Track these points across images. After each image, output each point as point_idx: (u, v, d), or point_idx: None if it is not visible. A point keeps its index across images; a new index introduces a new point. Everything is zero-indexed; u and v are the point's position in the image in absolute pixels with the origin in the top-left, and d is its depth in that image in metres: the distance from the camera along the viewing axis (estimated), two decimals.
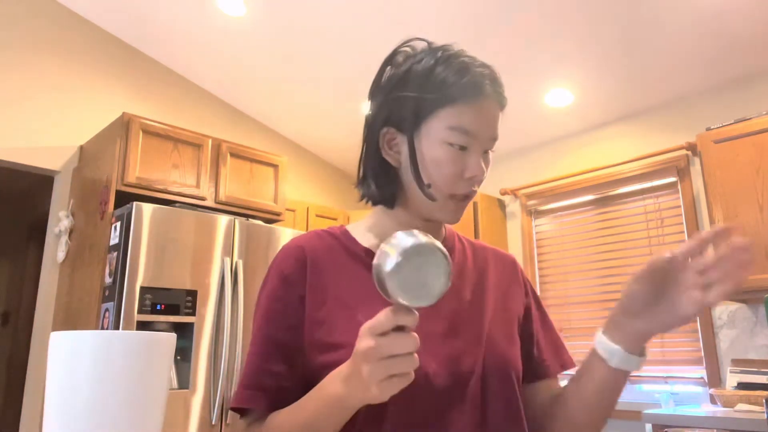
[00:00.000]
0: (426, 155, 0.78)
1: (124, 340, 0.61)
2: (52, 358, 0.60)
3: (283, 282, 0.81)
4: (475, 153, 0.78)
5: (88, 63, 3.40)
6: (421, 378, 0.73)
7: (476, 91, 0.77)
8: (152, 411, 0.62)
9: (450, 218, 0.81)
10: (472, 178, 0.78)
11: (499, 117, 0.81)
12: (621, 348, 0.71)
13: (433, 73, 0.78)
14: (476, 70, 0.79)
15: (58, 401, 0.59)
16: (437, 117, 0.77)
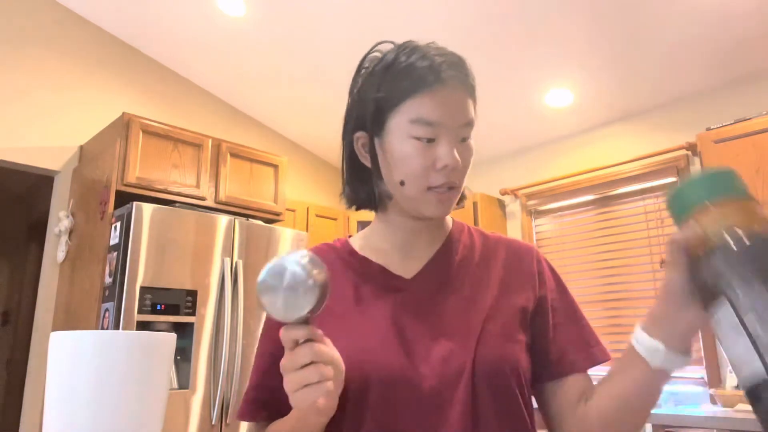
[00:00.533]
0: (395, 152, 0.78)
1: (124, 340, 0.61)
2: (52, 358, 0.60)
3: None
4: (444, 143, 0.76)
5: (88, 63, 3.40)
6: (404, 381, 0.73)
7: (433, 80, 0.76)
8: (152, 411, 0.62)
9: (434, 212, 0.78)
10: (444, 168, 0.75)
11: (468, 102, 0.78)
12: (663, 345, 0.66)
13: (392, 69, 0.78)
14: (434, 58, 0.77)
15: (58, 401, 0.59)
16: (399, 112, 0.77)
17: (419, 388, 0.73)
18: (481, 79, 0.85)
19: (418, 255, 0.84)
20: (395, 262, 0.84)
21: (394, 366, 0.74)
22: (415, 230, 0.85)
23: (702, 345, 3.01)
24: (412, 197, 0.78)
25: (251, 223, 2.98)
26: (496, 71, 3.25)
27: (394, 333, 0.76)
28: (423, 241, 0.85)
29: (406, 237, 0.85)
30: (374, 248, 0.86)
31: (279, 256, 0.60)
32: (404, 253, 0.84)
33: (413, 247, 0.85)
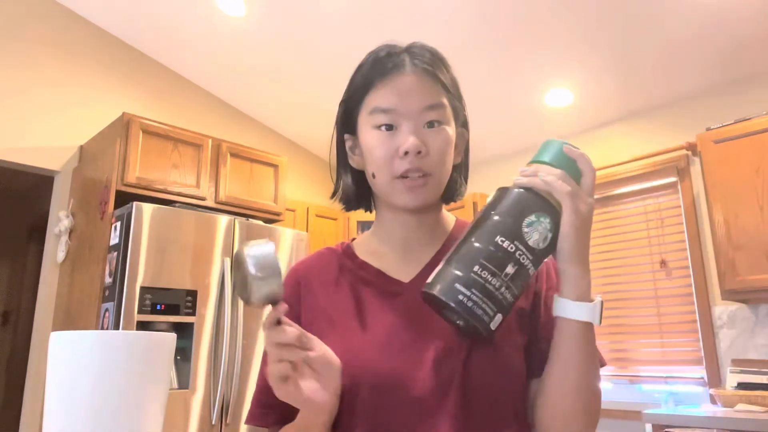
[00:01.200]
0: (364, 147, 0.80)
1: (124, 340, 0.61)
2: (52, 358, 0.60)
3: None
4: (404, 129, 0.76)
5: (88, 63, 3.40)
6: (397, 385, 0.72)
7: (387, 70, 0.78)
8: (152, 411, 0.62)
9: (406, 200, 0.78)
10: (407, 153, 0.75)
11: (430, 85, 0.78)
12: (564, 298, 0.69)
13: (357, 71, 0.82)
14: (392, 50, 0.80)
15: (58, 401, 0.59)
16: (363, 108, 0.80)
17: (411, 393, 0.72)
18: (481, 79, 0.86)
19: (417, 256, 0.83)
20: (394, 265, 0.83)
21: (386, 371, 0.73)
22: (409, 226, 0.83)
23: (702, 345, 3.01)
24: (383, 188, 0.79)
25: (251, 223, 2.98)
26: (496, 71, 3.25)
27: (388, 338, 0.76)
28: (421, 240, 0.84)
29: (402, 235, 0.84)
30: (374, 251, 0.85)
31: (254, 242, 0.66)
32: (403, 255, 0.84)
33: (412, 248, 0.84)
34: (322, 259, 0.88)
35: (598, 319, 0.69)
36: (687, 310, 3.12)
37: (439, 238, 0.85)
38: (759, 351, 2.81)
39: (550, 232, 0.66)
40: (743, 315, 2.89)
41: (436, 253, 0.83)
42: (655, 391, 3.17)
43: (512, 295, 0.65)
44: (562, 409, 0.72)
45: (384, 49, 0.81)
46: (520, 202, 0.67)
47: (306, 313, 0.83)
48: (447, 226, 0.87)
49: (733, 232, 2.68)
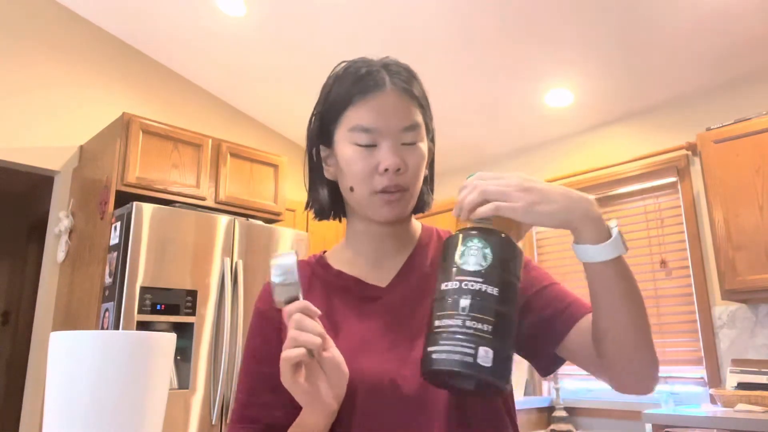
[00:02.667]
0: (341, 161, 0.81)
1: (124, 340, 0.61)
2: (52, 358, 0.60)
3: (261, 317, 0.86)
4: (384, 147, 0.78)
5: (88, 63, 3.40)
6: (388, 385, 0.73)
7: (369, 87, 0.79)
8: (152, 411, 0.62)
9: (384, 214, 0.80)
10: (386, 170, 0.77)
11: (408, 106, 0.80)
12: (583, 244, 0.67)
13: (335, 82, 0.83)
14: (370, 69, 0.81)
15: (58, 401, 0.59)
16: (341, 123, 0.81)
17: (402, 391, 0.73)
18: (481, 79, 0.86)
19: (390, 264, 0.86)
20: (368, 273, 0.85)
21: (377, 372, 0.74)
22: (381, 237, 0.86)
23: (702, 345, 3.01)
24: (361, 202, 0.81)
25: (251, 223, 2.98)
26: (496, 72, 3.25)
27: (374, 339, 0.78)
28: (392, 249, 0.87)
29: (374, 245, 0.86)
30: (347, 261, 0.88)
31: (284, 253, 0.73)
32: (376, 263, 0.86)
33: (384, 256, 0.86)
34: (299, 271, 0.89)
35: (623, 248, 0.66)
36: (687, 310, 3.12)
37: (409, 245, 0.88)
38: (759, 351, 2.81)
39: (486, 247, 0.64)
40: (743, 315, 2.89)
41: (407, 259, 0.86)
42: (655, 391, 3.16)
43: (485, 323, 0.61)
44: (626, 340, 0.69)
45: (362, 66, 0.82)
46: (446, 246, 0.67)
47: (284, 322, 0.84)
48: (414, 234, 0.90)
49: (733, 232, 2.68)
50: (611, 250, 0.65)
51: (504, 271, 0.64)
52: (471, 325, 0.60)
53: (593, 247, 0.65)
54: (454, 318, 0.61)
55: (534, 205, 0.65)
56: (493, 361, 0.60)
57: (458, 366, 0.59)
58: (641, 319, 0.69)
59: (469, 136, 3.92)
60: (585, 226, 0.66)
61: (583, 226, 0.66)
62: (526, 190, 0.65)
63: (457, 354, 0.59)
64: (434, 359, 0.60)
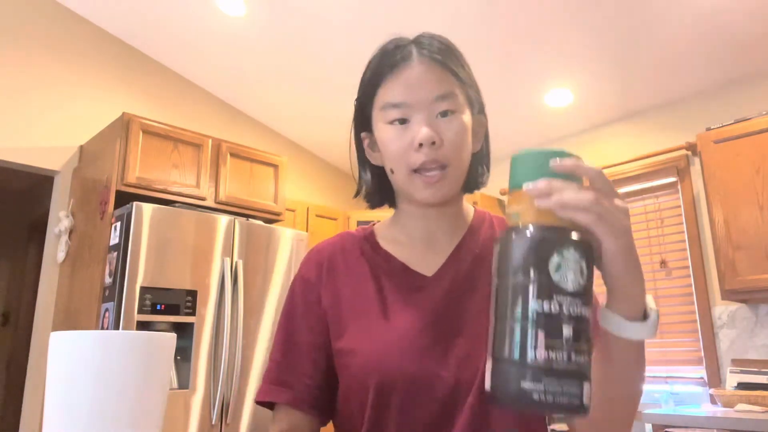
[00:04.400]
0: (380, 144, 0.79)
1: (124, 340, 0.61)
2: (52, 358, 0.60)
3: (304, 284, 0.84)
4: (416, 121, 0.74)
5: (88, 63, 3.40)
6: (425, 384, 0.72)
7: (396, 63, 0.77)
8: (152, 411, 0.62)
9: (424, 195, 0.76)
10: (422, 145, 0.73)
11: (439, 74, 0.76)
12: (618, 315, 0.58)
13: (368, 66, 0.81)
14: (398, 43, 0.79)
15: (58, 401, 0.59)
16: (376, 104, 0.79)
17: (436, 392, 0.72)
18: (481, 79, 0.85)
19: (440, 248, 0.82)
20: (417, 257, 0.82)
21: (415, 370, 0.73)
22: (429, 218, 0.83)
23: (702, 345, 3.01)
24: (402, 183, 0.78)
25: (251, 223, 2.98)
26: (496, 71, 3.25)
27: (415, 335, 0.75)
28: (443, 231, 0.83)
29: (424, 226, 0.83)
30: (396, 240, 0.85)
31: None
32: (425, 246, 0.83)
33: (434, 239, 0.83)
34: (345, 243, 0.86)
35: (654, 333, 0.59)
36: (687, 310, 3.12)
37: (461, 229, 0.84)
38: (759, 351, 2.81)
39: (583, 259, 0.52)
40: (743, 315, 2.89)
41: (458, 244, 0.83)
42: (655, 391, 3.17)
43: (584, 352, 0.52)
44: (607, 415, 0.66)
45: (391, 43, 0.80)
46: (531, 247, 0.53)
47: (327, 296, 0.82)
48: (467, 217, 0.87)
49: (733, 232, 2.68)
50: (646, 332, 0.58)
51: (592, 287, 0.54)
52: (576, 359, 0.51)
53: (629, 323, 0.58)
54: (559, 350, 0.50)
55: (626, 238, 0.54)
56: (590, 396, 0.52)
57: (567, 410, 0.51)
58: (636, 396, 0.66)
59: None
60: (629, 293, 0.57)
61: (628, 291, 0.57)
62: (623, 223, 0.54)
63: (564, 396, 0.50)
64: (537, 401, 0.50)
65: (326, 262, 0.84)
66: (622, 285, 0.56)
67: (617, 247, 0.53)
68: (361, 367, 0.75)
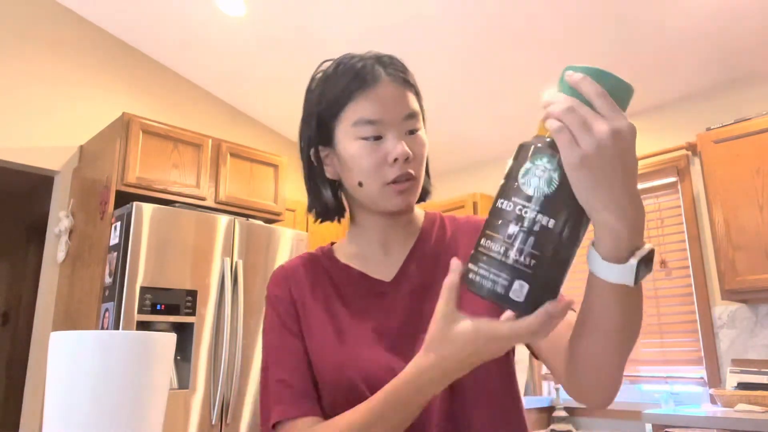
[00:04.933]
0: (347, 157, 0.80)
1: (124, 340, 0.61)
2: (52, 358, 0.60)
3: (276, 300, 0.86)
4: (391, 137, 0.78)
5: (88, 63, 3.40)
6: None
7: (367, 81, 0.79)
8: (152, 411, 0.62)
9: (396, 204, 0.80)
10: (396, 160, 0.78)
11: (406, 95, 0.81)
12: (595, 250, 0.56)
13: (329, 80, 0.83)
14: (365, 62, 0.81)
15: (58, 401, 0.59)
16: (343, 119, 0.81)
17: None
18: (480, 78, 0.86)
19: (395, 254, 0.87)
20: (375, 266, 0.86)
21: (380, 368, 0.75)
22: (388, 229, 0.86)
23: (702, 345, 3.01)
24: (372, 196, 0.80)
25: (251, 223, 2.98)
26: (495, 70, 3.25)
27: (378, 336, 0.78)
28: (397, 238, 0.87)
29: (382, 237, 0.87)
30: (354, 254, 0.88)
31: None
32: (382, 254, 0.87)
33: (389, 247, 0.87)
34: (305, 262, 0.89)
35: (632, 281, 0.54)
36: (687, 310, 3.12)
37: (413, 234, 0.89)
38: (759, 351, 2.81)
39: (556, 171, 0.53)
40: (743, 315, 2.89)
41: (412, 248, 0.87)
42: (655, 391, 3.17)
43: (529, 257, 0.53)
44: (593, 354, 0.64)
45: (356, 61, 0.82)
46: (518, 154, 0.57)
47: (300, 307, 0.84)
48: (418, 222, 0.91)
49: (733, 232, 2.68)
50: (618, 275, 0.55)
51: (568, 201, 0.53)
52: (512, 256, 0.54)
53: (603, 263, 0.55)
54: (497, 243, 0.55)
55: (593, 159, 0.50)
56: (526, 296, 0.54)
57: (487, 294, 0.55)
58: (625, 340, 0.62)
59: (470, 135, 3.92)
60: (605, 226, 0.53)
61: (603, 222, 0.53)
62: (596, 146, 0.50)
63: (490, 282, 0.55)
64: (469, 279, 0.57)
65: (291, 279, 0.87)
66: (594, 213, 0.53)
67: (575, 163, 0.50)
68: (333, 371, 0.77)
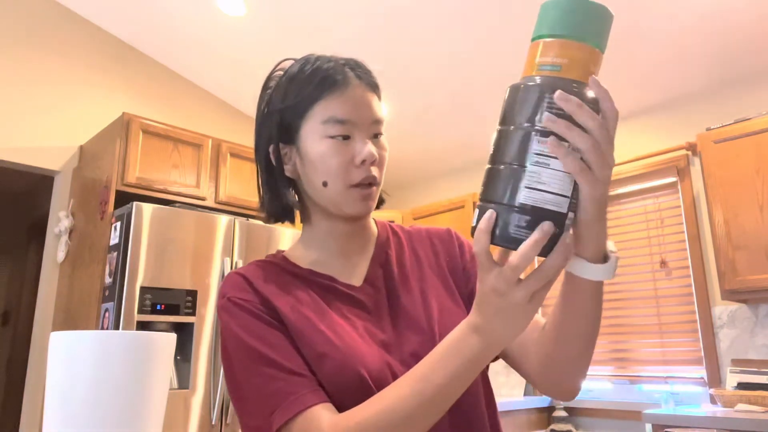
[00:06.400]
0: (313, 155, 0.79)
1: (124, 340, 0.61)
2: (52, 358, 0.60)
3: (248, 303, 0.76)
4: (359, 139, 0.79)
5: (88, 63, 3.40)
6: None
7: (338, 82, 0.80)
8: (152, 411, 0.62)
9: (359, 209, 0.79)
10: (363, 162, 0.78)
11: (373, 100, 0.82)
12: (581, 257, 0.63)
13: (296, 79, 0.82)
14: (336, 63, 0.82)
15: (58, 401, 0.59)
16: (311, 117, 0.80)
17: None
18: (480, 78, 0.86)
19: (357, 261, 0.86)
20: (338, 271, 0.84)
21: (380, 362, 0.75)
22: (346, 235, 0.85)
23: (702, 345, 3.01)
24: (335, 197, 0.79)
25: (251, 223, 2.98)
26: (495, 70, 3.25)
27: (366, 336, 0.77)
28: (356, 244, 0.86)
29: (339, 243, 0.85)
30: (315, 260, 0.84)
31: None
32: (344, 261, 0.85)
33: (349, 252, 0.85)
34: (260, 270, 0.81)
35: (613, 274, 0.65)
36: (687, 310, 3.12)
37: (370, 240, 0.89)
38: (759, 351, 2.81)
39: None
40: (743, 315, 2.89)
41: (373, 255, 0.86)
42: (655, 391, 3.17)
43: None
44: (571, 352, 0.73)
45: (324, 62, 0.82)
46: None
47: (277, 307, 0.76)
48: (372, 229, 0.90)
49: (733, 232, 2.68)
50: (604, 273, 0.63)
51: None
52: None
53: (592, 266, 0.63)
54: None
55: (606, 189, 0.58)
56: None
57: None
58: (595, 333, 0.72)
59: (469, 136, 3.92)
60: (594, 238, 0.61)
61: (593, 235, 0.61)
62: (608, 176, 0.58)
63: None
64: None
65: (256, 282, 0.79)
66: (591, 230, 0.60)
67: (595, 196, 0.57)
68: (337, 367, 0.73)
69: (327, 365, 0.72)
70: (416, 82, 3.41)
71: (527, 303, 0.58)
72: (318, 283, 0.82)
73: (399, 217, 4.16)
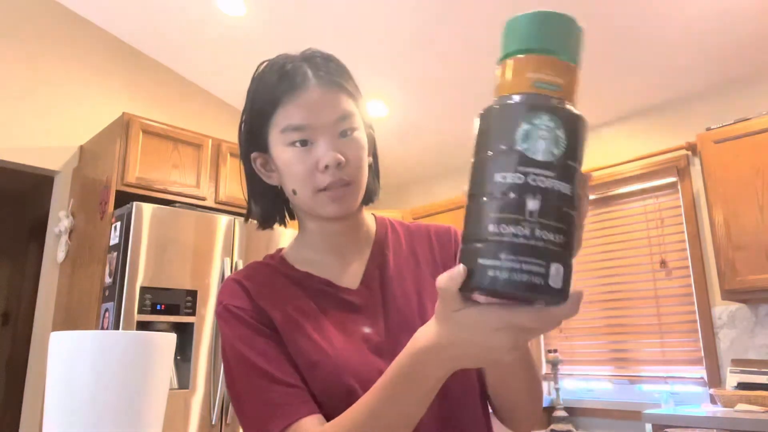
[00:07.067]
0: (280, 164, 0.79)
1: (124, 340, 0.61)
2: (52, 358, 0.60)
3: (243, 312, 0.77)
4: (321, 143, 0.76)
5: (88, 63, 3.40)
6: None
7: (295, 85, 0.78)
8: (152, 411, 0.62)
9: (331, 211, 0.78)
10: (326, 168, 0.75)
11: (336, 96, 0.78)
12: None
13: (260, 83, 0.82)
14: (294, 64, 0.80)
15: (58, 401, 0.59)
16: (274, 125, 0.79)
17: None
18: (482, 78, 0.86)
19: (352, 259, 0.84)
20: (335, 273, 0.83)
21: (372, 372, 0.73)
22: (335, 233, 0.84)
23: (702, 345, 3.01)
24: (306, 202, 0.79)
25: (251, 223, 2.97)
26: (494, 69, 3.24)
27: (359, 343, 0.76)
28: (351, 244, 0.85)
29: (331, 242, 0.84)
30: (309, 261, 0.84)
31: None
32: (339, 261, 0.84)
33: (344, 252, 0.84)
34: (257, 273, 0.83)
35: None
36: (687, 310, 3.12)
37: (367, 240, 0.87)
38: (759, 351, 2.81)
39: (560, 129, 0.48)
40: (743, 315, 2.89)
41: (371, 253, 0.85)
42: (655, 391, 3.17)
43: (558, 231, 0.47)
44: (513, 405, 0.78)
45: (284, 63, 0.81)
46: (503, 117, 0.51)
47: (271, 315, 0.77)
48: (371, 227, 0.89)
49: (733, 232, 2.68)
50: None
51: (577, 161, 0.49)
52: (541, 236, 0.46)
53: None
54: (520, 225, 0.46)
55: None
56: (563, 281, 0.46)
57: (525, 290, 0.45)
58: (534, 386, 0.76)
59: (468, 137, 3.92)
60: None
61: None
62: None
63: (525, 274, 0.45)
64: (492, 278, 0.46)
65: (252, 289, 0.79)
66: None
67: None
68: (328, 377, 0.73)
69: (318, 375, 0.73)
70: (416, 81, 3.41)
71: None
72: (313, 288, 0.81)
73: (399, 216, 4.16)
